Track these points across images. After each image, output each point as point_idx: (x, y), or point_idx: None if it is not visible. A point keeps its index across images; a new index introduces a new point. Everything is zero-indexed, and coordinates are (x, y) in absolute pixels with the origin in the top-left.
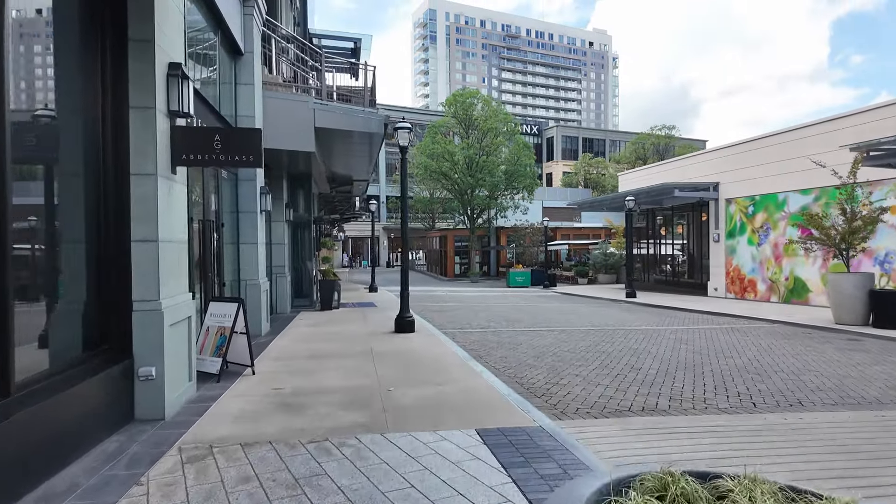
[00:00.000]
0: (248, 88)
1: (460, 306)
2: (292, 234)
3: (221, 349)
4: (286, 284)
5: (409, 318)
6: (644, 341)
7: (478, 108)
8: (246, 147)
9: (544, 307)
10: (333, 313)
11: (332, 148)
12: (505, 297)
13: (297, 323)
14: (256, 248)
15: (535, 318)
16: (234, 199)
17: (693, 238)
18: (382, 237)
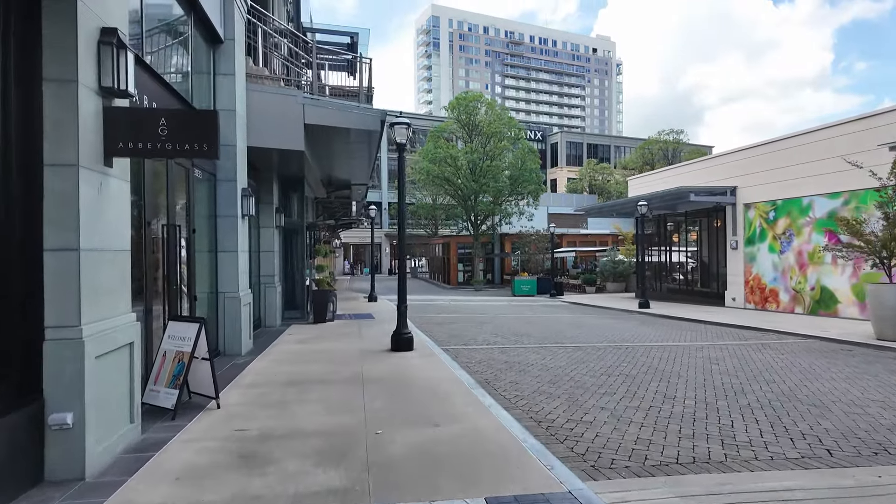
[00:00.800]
0: (228, 80)
1: (463, 318)
2: (284, 241)
3: (179, 379)
4: (275, 295)
5: (407, 335)
6: (669, 361)
7: (481, 112)
8: (199, 133)
9: (553, 319)
10: (326, 327)
11: (324, 147)
12: (510, 307)
13: (285, 339)
14: (236, 256)
15: (544, 332)
16: (212, 201)
17: (707, 245)
18: (384, 244)
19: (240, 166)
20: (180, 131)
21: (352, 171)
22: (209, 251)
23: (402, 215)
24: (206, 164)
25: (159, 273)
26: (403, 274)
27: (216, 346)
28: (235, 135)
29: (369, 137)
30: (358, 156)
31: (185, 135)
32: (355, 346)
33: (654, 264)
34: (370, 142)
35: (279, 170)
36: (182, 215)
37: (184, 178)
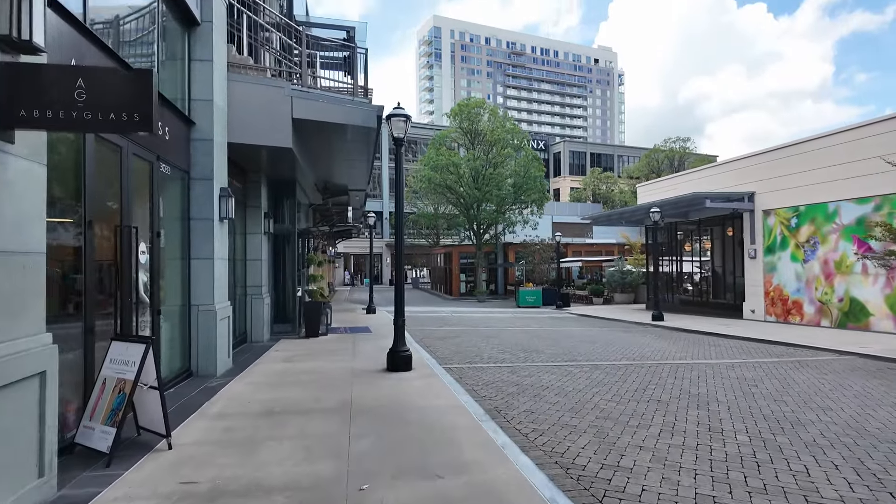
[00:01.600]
0: (205, 66)
1: (467, 331)
2: (274, 250)
3: (118, 414)
4: (263, 308)
5: (405, 353)
6: (700, 382)
7: (484, 119)
8: (129, 100)
9: (563, 332)
10: (318, 342)
11: (317, 147)
12: (516, 319)
13: (271, 356)
14: (212, 264)
15: (556, 348)
16: (184, 201)
17: (721, 254)
18: (385, 254)
19: (218, 163)
20: (103, 96)
21: (349, 176)
22: (181, 258)
23: (400, 219)
24: (177, 158)
25: (108, 283)
26: (401, 284)
27: (187, 366)
28: (213, 128)
29: (366, 136)
30: (355, 157)
31: (109, 101)
32: (347, 364)
33: (664, 275)
34: (367, 141)
35: (268, 172)
36: (143, 216)
37: (146, 173)
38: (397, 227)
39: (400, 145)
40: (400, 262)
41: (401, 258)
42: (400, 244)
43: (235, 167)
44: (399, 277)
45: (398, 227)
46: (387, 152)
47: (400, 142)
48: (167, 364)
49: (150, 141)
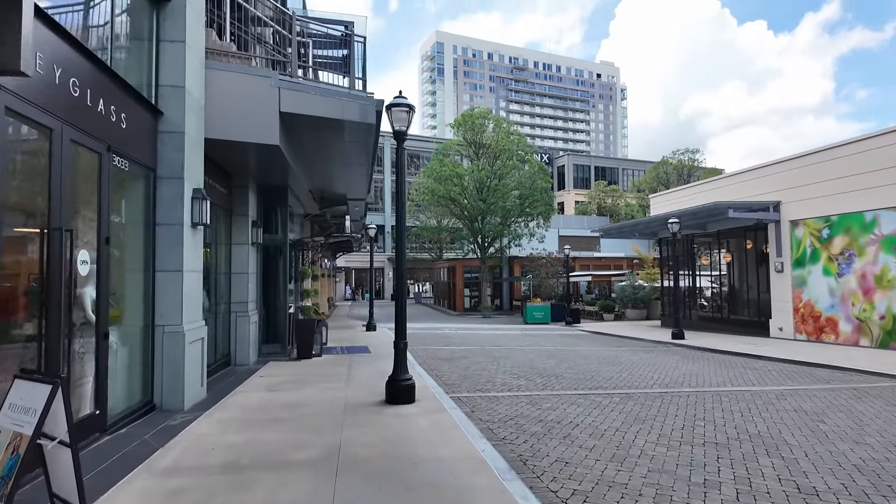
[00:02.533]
0: (175, 48)
1: (474, 351)
2: (264, 262)
3: (8, 482)
4: (249, 327)
5: (407, 382)
6: (756, 417)
7: (489, 130)
8: None
9: (579, 353)
10: (311, 364)
11: (309, 147)
12: (526, 336)
13: (254, 383)
14: (181, 277)
15: (576, 372)
16: (149, 204)
17: (743, 268)
18: (387, 269)
19: (191, 160)
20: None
21: (347, 183)
22: (143, 270)
23: (402, 226)
24: (138, 152)
25: (24, 300)
26: (402, 301)
27: (149, 398)
28: (185, 119)
29: (365, 136)
30: (353, 161)
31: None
32: (340, 394)
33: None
34: (366, 142)
35: (257, 176)
36: (87, 218)
37: (91, 167)
38: (399, 237)
39: (402, 140)
40: (402, 275)
41: (402, 271)
42: (401, 256)
43: (218, 170)
44: (401, 293)
45: (400, 237)
46: (388, 165)
47: (402, 136)
48: (123, 397)
49: (98, 127)
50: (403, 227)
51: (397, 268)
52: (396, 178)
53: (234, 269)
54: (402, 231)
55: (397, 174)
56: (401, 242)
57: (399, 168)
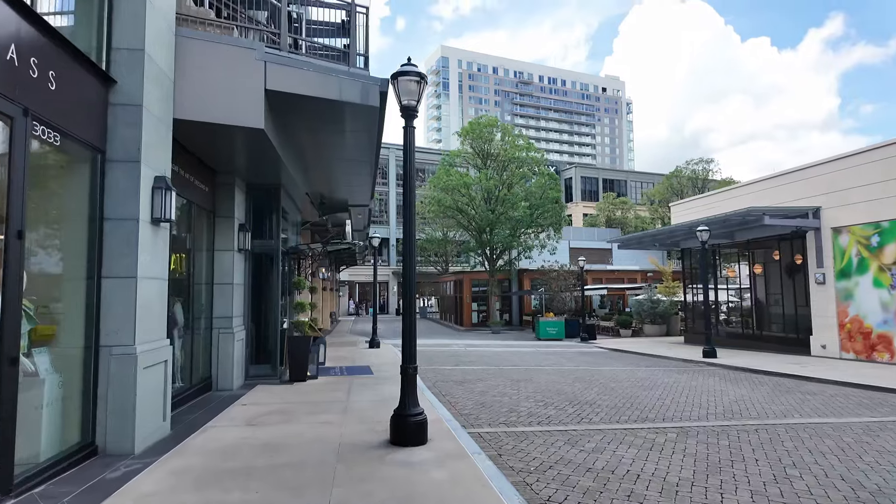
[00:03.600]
0: (135, 4)
1: (489, 371)
2: (253, 272)
3: None
4: (233, 345)
5: (417, 418)
6: (860, 463)
7: (497, 139)
8: None
9: (607, 374)
10: (303, 389)
11: (303, 136)
12: (542, 355)
13: (232, 414)
14: (135, 285)
15: (610, 398)
16: (94, 193)
17: (775, 280)
18: (392, 282)
19: (151, 141)
20: None
21: (348, 185)
22: (85, 277)
23: (411, 226)
24: (78, 126)
25: None
26: (412, 319)
27: (90, 439)
28: (143, 90)
29: (367, 123)
30: (353, 156)
31: None
32: (334, 431)
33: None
34: (369, 131)
35: (245, 173)
36: None
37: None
38: (407, 242)
39: (411, 118)
40: (411, 286)
41: (412, 282)
42: (411, 265)
43: (198, 164)
44: (410, 308)
45: (409, 242)
46: (393, 178)
47: (411, 113)
48: (53, 440)
49: (7, 80)
50: (413, 231)
51: (404, 277)
52: (404, 168)
53: (218, 278)
54: (411, 236)
55: (405, 161)
56: (410, 248)
57: (407, 154)
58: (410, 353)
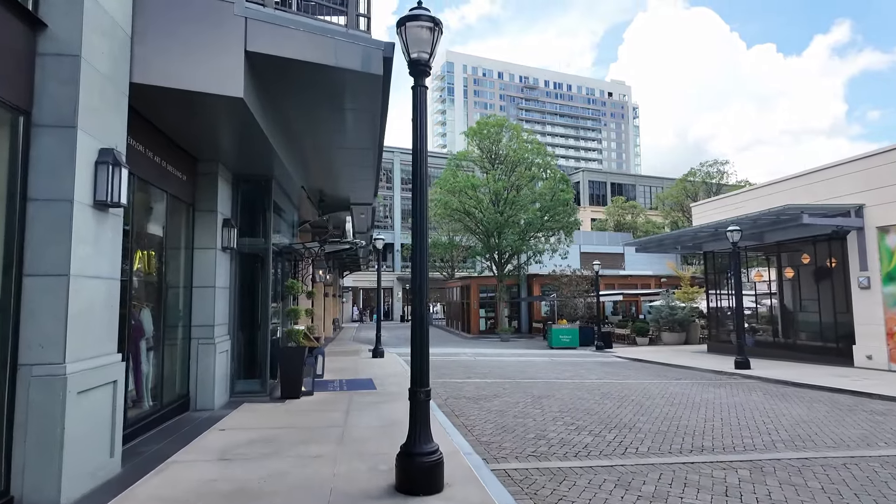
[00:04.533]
0: None
1: (505, 385)
2: (241, 274)
3: None
4: (214, 358)
5: (430, 459)
6: None
7: (505, 139)
8: None
9: (636, 389)
10: (295, 409)
11: (291, 109)
12: (558, 365)
13: (203, 444)
14: (66, 285)
15: (650, 419)
16: (16, 167)
17: (808, 284)
18: (396, 288)
19: (92, 103)
20: None
21: (349, 178)
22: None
23: (422, 213)
24: None
25: None
26: (423, 332)
27: (3, 486)
28: (82, 38)
29: (369, 97)
30: (354, 142)
31: None
32: (326, 471)
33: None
34: (371, 110)
35: (230, 160)
36: None
37: None
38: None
39: (423, 74)
40: (422, 287)
41: (423, 282)
42: (422, 260)
43: (173, 148)
44: (420, 317)
45: (419, 234)
46: (398, 182)
47: (423, 68)
48: None
49: None
50: (424, 223)
51: (415, 278)
52: (415, 139)
53: (198, 280)
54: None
55: (416, 129)
56: (422, 244)
57: (419, 120)
58: (422, 372)
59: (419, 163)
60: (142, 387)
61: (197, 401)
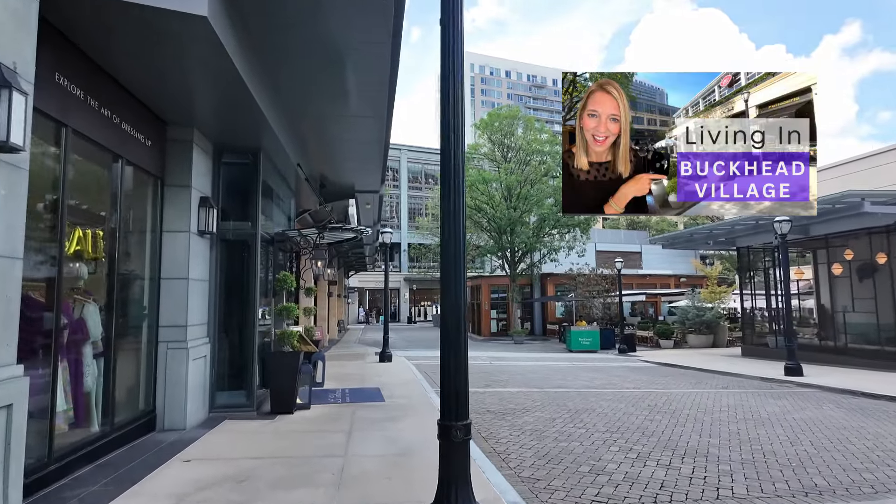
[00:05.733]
0: None
1: (534, 397)
2: (226, 265)
3: None
4: (187, 365)
5: None
6: None
7: (519, 131)
8: None
9: (686, 401)
10: (286, 430)
11: (276, 51)
12: (583, 370)
13: (152, 488)
14: None
15: (723, 443)
16: None
17: (864, 281)
18: (403, 289)
19: None
20: None
21: (353, 158)
22: None
23: (458, 161)
24: None
25: None
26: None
27: None
28: None
29: (374, 29)
30: (357, 108)
31: None
32: None
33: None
34: (379, 54)
35: (208, 124)
36: None
37: None
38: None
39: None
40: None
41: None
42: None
43: (135, 106)
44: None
45: (452, 184)
46: (405, 180)
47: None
48: None
49: None
50: (461, 180)
51: (446, 257)
52: (445, 52)
53: (167, 271)
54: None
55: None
56: (458, 206)
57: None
58: (458, 398)
59: (453, 85)
60: (85, 404)
61: (165, 419)
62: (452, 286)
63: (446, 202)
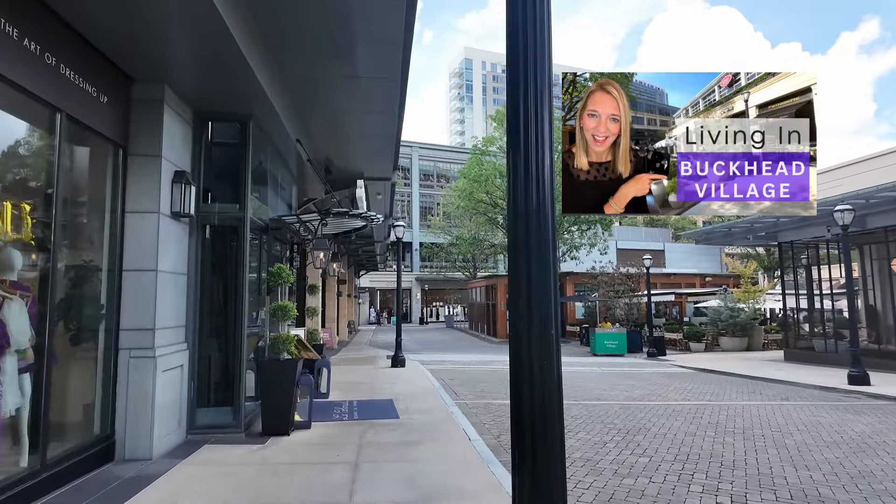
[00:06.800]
0: None
1: (572, 412)
2: (211, 256)
3: None
4: (154, 378)
5: None
6: None
7: None
8: None
9: (748, 417)
10: (278, 457)
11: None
12: (616, 377)
13: None
14: None
15: (834, 480)
16: None
17: None
18: (415, 289)
19: None
20: None
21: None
22: None
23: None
24: None
25: None
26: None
27: None
28: None
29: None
30: (367, 68)
31: None
32: None
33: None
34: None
35: (186, 82)
36: None
37: None
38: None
39: None
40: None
41: (548, 226)
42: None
43: (86, 50)
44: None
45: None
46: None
47: None
48: None
49: None
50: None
51: (515, 226)
52: None
53: (129, 261)
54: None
55: None
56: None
57: None
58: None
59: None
60: (10, 432)
61: (126, 446)
62: (539, 291)
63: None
